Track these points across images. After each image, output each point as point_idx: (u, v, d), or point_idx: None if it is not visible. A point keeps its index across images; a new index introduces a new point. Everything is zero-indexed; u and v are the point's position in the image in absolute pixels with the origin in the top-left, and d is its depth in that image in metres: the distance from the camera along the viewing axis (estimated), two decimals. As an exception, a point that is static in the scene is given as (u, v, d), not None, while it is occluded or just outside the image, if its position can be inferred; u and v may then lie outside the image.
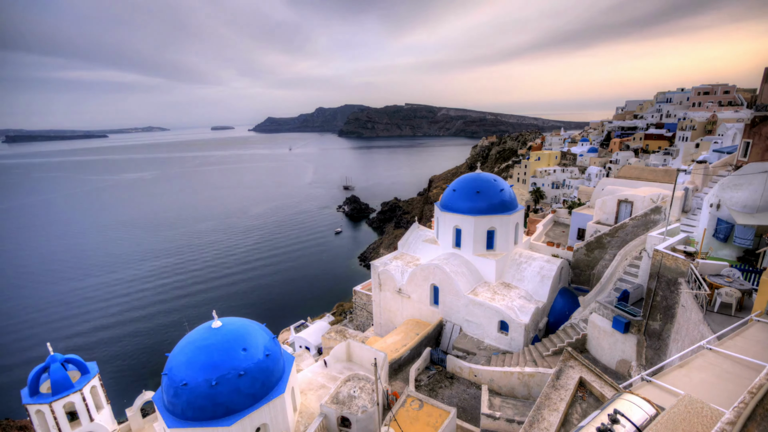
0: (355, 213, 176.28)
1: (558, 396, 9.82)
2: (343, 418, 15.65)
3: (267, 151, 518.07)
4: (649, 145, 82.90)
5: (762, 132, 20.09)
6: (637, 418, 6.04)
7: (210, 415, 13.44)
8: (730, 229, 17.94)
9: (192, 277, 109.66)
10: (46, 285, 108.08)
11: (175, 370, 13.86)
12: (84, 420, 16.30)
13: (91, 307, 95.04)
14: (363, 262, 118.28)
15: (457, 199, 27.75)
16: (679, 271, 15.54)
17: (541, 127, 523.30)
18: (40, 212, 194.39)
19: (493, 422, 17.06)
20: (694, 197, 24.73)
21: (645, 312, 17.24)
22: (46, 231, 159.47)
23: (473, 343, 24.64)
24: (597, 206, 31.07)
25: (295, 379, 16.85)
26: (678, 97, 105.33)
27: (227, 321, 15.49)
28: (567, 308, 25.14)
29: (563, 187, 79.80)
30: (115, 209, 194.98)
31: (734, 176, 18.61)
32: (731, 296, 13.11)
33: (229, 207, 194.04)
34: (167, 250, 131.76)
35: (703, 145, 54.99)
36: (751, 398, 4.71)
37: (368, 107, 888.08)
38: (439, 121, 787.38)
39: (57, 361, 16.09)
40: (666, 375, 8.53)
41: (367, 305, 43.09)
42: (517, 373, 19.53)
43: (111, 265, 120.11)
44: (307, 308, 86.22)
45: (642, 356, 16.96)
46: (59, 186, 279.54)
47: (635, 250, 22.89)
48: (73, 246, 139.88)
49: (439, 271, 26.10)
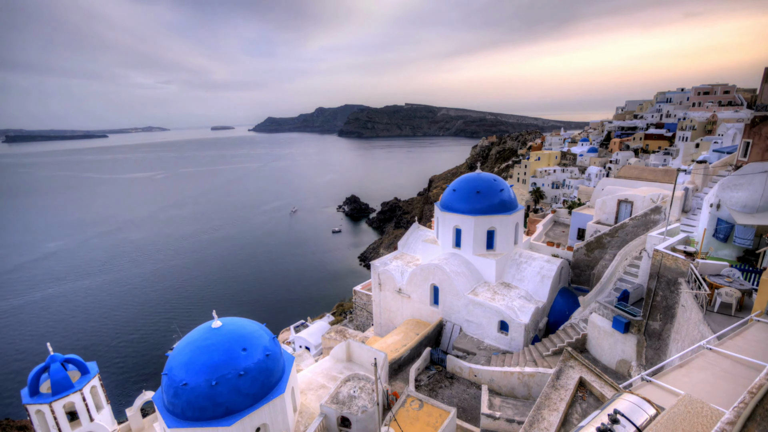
0: (355, 213, 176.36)
1: (558, 396, 9.83)
2: (343, 418, 15.64)
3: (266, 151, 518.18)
4: (649, 145, 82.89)
5: (762, 132, 20.07)
6: (637, 418, 6.03)
7: (210, 415, 13.43)
8: (730, 229, 17.94)
9: (192, 277, 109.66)
10: (46, 284, 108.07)
11: (175, 370, 13.86)
12: (84, 420, 16.30)
13: (91, 306, 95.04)
14: (363, 262, 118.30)
15: (457, 199, 27.73)
16: (679, 271, 15.54)
17: (541, 127, 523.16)
18: (41, 212, 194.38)
19: (493, 422, 17.06)
20: (694, 197, 24.71)
21: (645, 312, 17.23)
22: (46, 231, 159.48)
23: (473, 343, 24.63)
24: (597, 206, 31.08)
25: (295, 379, 16.84)
26: (678, 97, 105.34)
27: (227, 321, 15.48)
28: (567, 308, 25.14)
29: (563, 187, 79.81)
30: (116, 209, 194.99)
31: (734, 176, 18.60)
32: (731, 296, 13.11)
33: (229, 207, 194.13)
34: (167, 250, 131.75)
35: (703, 145, 54.99)
36: (751, 398, 4.71)
37: (368, 107, 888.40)
38: (439, 121, 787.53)
39: (57, 361, 16.09)
40: (666, 375, 8.53)
41: (367, 305, 43.08)
42: (517, 373, 19.52)
43: (111, 265, 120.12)
44: (307, 308, 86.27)
45: (642, 356, 16.95)
46: (60, 185, 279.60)
47: (635, 250, 22.88)
48: (73, 246, 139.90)
49: (439, 271, 26.09)
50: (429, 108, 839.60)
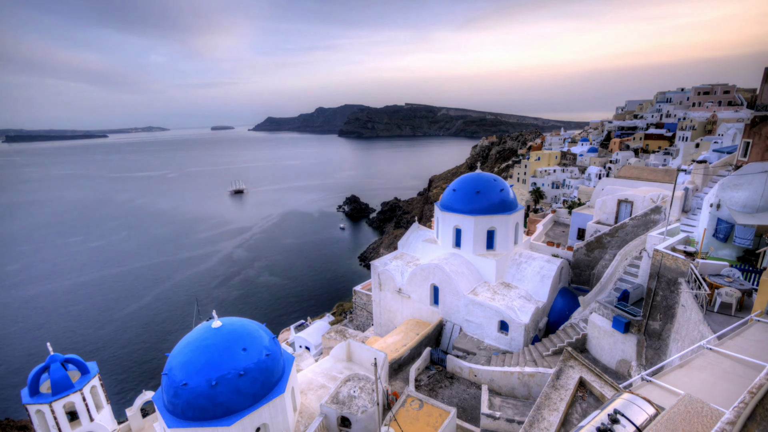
0: (355, 213, 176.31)
1: (558, 396, 9.84)
2: (343, 418, 15.65)
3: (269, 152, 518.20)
4: (649, 145, 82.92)
5: (762, 132, 20.09)
6: (637, 418, 6.04)
7: (210, 415, 13.43)
8: (730, 229, 17.95)
9: (192, 277, 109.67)
10: (46, 284, 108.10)
11: (175, 370, 13.86)
12: (84, 420, 16.31)
13: (91, 306, 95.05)
14: (363, 262, 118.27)
15: (457, 199, 27.74)
16: (679, 271, 15.54)
17: (541, 127, 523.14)
18: (41, 212, 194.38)
19: (493, 422, 17.07)
20: (694, 197, 24.72)
21: (645, 312, 17.24)
22: (46, 231, 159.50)
23: (473, 343, 24.64)
24: (597, 206, 31.08)
25: (295, 379, 16.84)
26: (678, 96, 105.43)
27: (227, 321, 15.48)
28: (567, 308, 25.14)
29: (563, 187, 79.83)
30: (116, 209, 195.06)
31: (734, 176, 18.62)
32: (731, 296, 13.11)
33: (229, 207, 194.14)
34: (167, 250, 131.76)
35: (703, 145, 55.02)
36: (751, 398, 4.71)
37: (368, 107, 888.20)
38: (439, 121, 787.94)
39: (57, 361, 16.09)
40: (666, 375, 8.54)
41: (367, 305, 43.08)
42: (517, 373, 19.53)
43: (111, 265, 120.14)
44: (307, 308, 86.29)
45: (642, 356, 16.96)
46: (54, 186, 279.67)
47: (635, 250, 22.88)
48: (73, 246, 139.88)
49: (439, 271, 26.10)
50: (429, 108, 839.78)
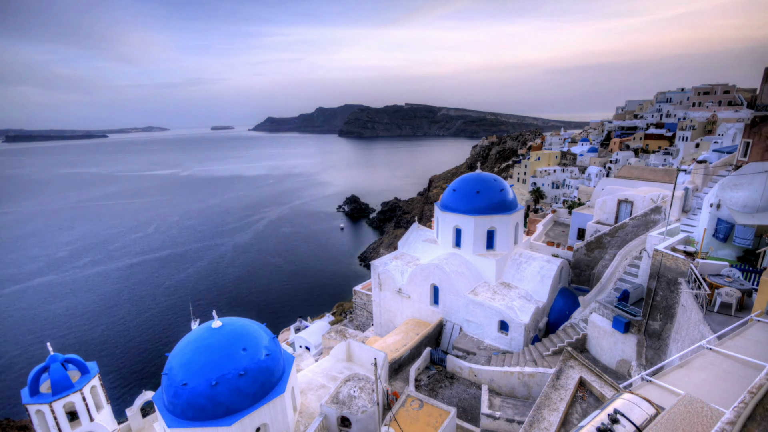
0: (355, 213, 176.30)
1: (558, 396, 9.83)
2: (343, 418, 15.65)
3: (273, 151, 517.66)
4: (649, 145, 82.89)
5: (762, 132, 20.09)
6: (637, 418, 6.04)
7: (210, 415, 13.44)
8: (730, 229, 17.94)
9: (192, 277, 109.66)
10: (46, 284, 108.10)
11: (175, 370, 13.87)
12: (84, 420, 16.30)
13: (91, 306, 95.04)
14: (363, 262, 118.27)
15: (457, 199, 27.74)
16: (679, 271, 15.54)
17: (541, 127, 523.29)
18: (41, 211, 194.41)
19: (493, 422, 17.07)
20: (694, 197, 24.72)
21: (645, 312, 17.24)
22: (46, 230, 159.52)
23: (473, 343, 24.64)
24: (597, 206, 31.08)
25: (295, 379, 16.84)
26: (678, 96, 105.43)
27: (227, 321, 15.49)
28: (567, 308, 25.14)
29: (563, 187, 79.82)
30: (117, 208, 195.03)
31: (734, 176, 18.61)
32: (731, 296, 13.11)
33: (230, 207, 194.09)
34: (167, 250, 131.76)
35: (703, 145, 55.07)
36: (751, 398, 4.71)
37: (368, 107, 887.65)
38: (439, 121, 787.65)
39: (57, 361, 16.09)
40: (666, 375, 8.54)
41: (367, 305, 43.07)
42: (517, 373, 19.53)
43: (111, 265, 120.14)
44: (307, 308, 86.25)
45: (642, 356, 16.96)
46: (61, 184, 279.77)
47: (635, 250, 22.88)
48: (73, 245, 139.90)
49: (439, 271, 26.10)
50: (429, 108, 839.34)
